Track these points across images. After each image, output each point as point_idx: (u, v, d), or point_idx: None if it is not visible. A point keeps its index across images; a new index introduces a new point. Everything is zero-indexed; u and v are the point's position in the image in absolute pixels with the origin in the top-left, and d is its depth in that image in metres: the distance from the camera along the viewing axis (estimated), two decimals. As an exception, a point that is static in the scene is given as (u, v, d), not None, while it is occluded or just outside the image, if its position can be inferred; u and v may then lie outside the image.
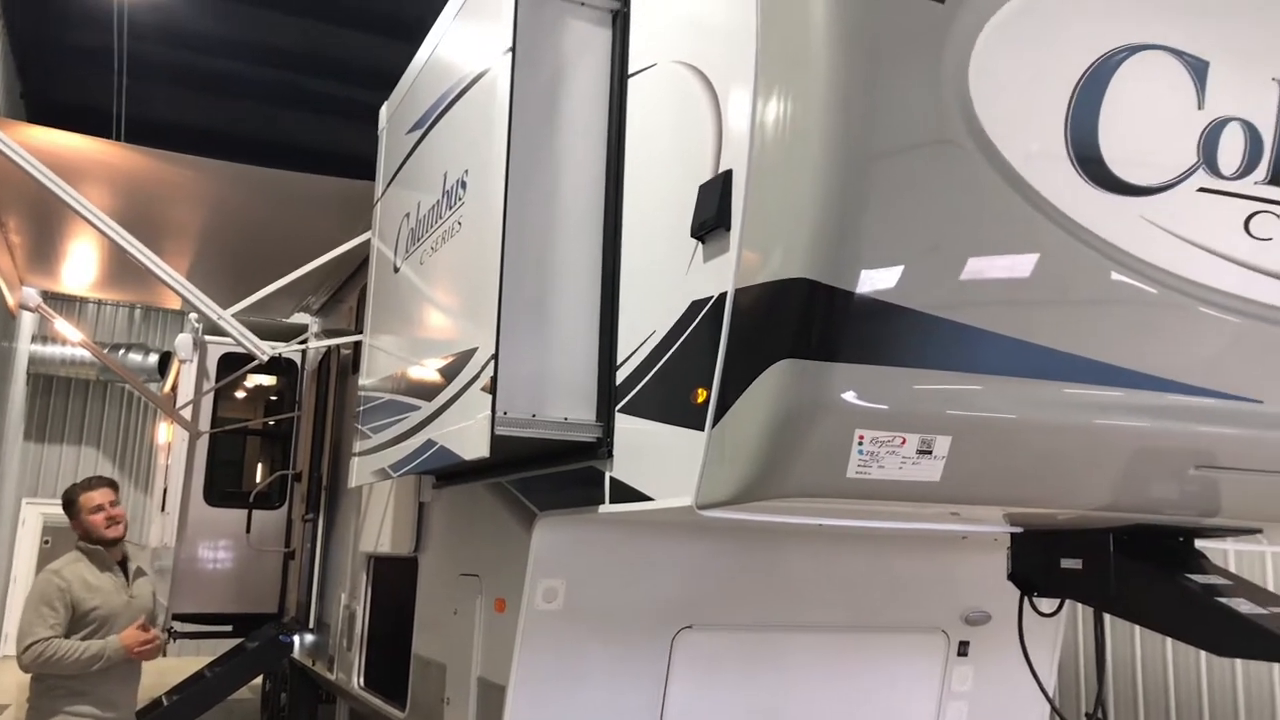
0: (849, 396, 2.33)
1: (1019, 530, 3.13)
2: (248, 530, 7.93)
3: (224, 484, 8.56)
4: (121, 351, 13.82)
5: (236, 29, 9.48)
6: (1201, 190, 2.50)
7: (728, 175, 2.60)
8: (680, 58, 2.96)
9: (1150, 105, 2.52)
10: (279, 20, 9.27)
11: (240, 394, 9.09)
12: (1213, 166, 2.51)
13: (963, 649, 4.21)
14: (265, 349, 5.58)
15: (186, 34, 9.41)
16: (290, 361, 8.35)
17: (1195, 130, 2.52)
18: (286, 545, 8.08)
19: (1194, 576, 2.72)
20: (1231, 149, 2.52)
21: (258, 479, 8.79)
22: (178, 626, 8.02)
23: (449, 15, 4.17)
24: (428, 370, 3.88)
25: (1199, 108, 2.52)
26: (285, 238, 6.47)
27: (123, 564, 4.53)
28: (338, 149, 8.98)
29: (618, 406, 3.07)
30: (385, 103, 5.15)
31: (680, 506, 2.63)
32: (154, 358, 13.83)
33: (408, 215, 4.44)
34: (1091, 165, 2.44)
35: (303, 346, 7.54)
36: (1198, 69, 2.53)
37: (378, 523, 5.66)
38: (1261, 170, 2.54)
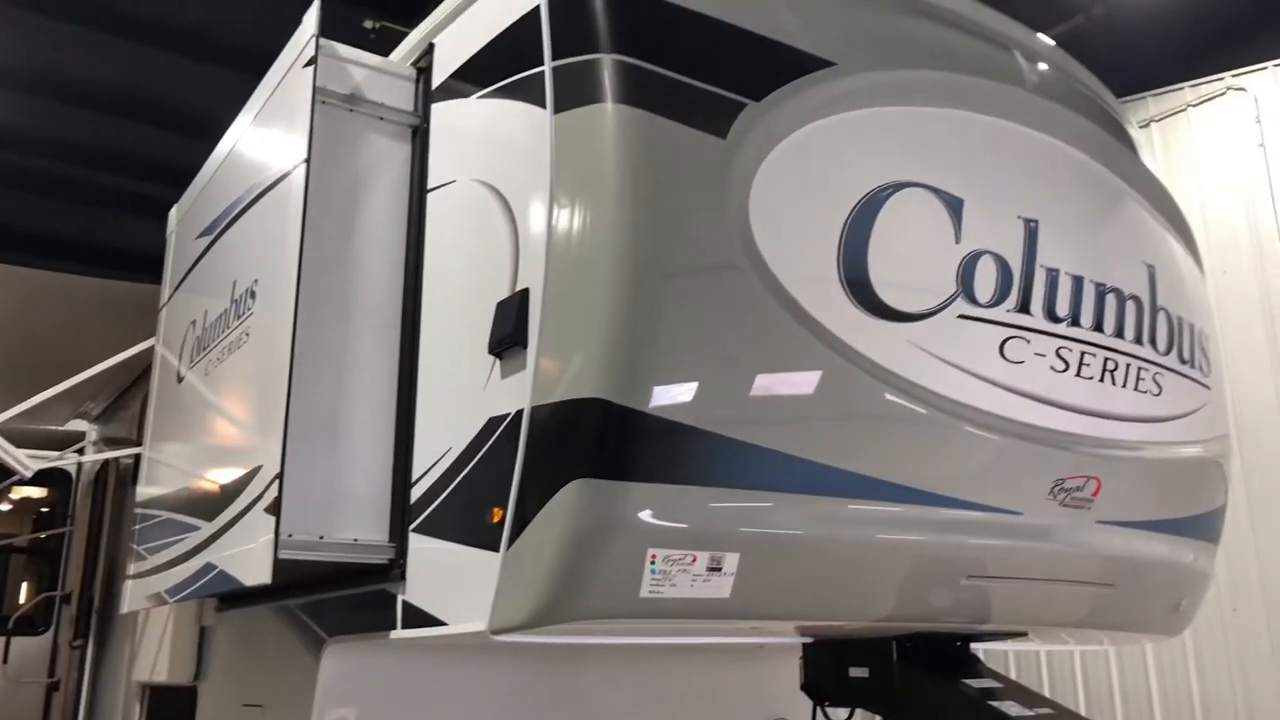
0: (644, 516, 2.36)
1: (810, 640, 3.20)
2: (4, 660, 7.18)
3: (-21, 607, 7.77)
4: None
5: (9, 116, 8.86)
6: (961, 317, 2.70)
7: (524, 293, 2.61)
8: (478, 176, 2.98)
9: (914, 238, 2.72)
10: (61, 110, 8.75)
11: (4, 507, 8.33)
12: (970, 295, 2.71)
13: (765, 759, 4.23)
14: (27, 463, 5.12)
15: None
16: (64, 472, 7.72)
17: (954, 261, 2.72)
18: (51, 675, 7.34)
19: (970, 682, 2.85)
20: (986, 279, 2.74)
21: (20, 601, 8.01)
22: (-88, 778, 7.12)
23: (245, 119, 4.06)
24: (209, 487, 3.65)
25: (956, 241, 2.74)
26: (59, 343, 6.03)
27: None
28: (126, 246, 8.47)
29: (412, 526, 2.97)
30: (176, 205, 4.94)
31: (474, 631, 2.55)
32: (-97, 467, 12.52)
33: (194, 323, 4.23)
34: (862, 292, 2.59)
35: (76, 459, 6.99)
36: (954, 206, 2.76)
37: (154, 649, 5.22)
38: (1012, 299, 2.77)
